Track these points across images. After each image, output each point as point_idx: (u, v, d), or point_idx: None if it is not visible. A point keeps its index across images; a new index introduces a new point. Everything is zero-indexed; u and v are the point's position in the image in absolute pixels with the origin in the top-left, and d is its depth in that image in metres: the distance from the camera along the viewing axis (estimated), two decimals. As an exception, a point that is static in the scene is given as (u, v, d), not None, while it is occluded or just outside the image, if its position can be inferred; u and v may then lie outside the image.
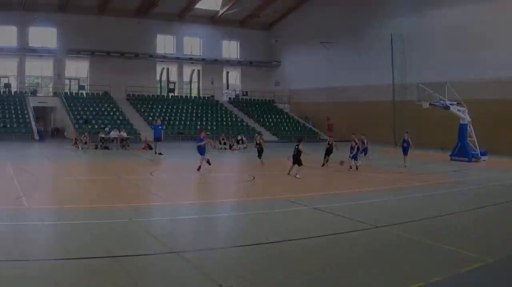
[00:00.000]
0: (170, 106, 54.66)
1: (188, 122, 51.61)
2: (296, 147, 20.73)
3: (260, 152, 25.51)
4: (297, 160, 20.29)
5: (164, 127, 34.61)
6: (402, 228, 11.54)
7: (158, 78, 60.21)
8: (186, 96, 60.32)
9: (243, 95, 62.53)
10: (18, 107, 48.21)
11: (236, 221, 12.76)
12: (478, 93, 36.05)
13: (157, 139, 32.01)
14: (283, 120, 57.49)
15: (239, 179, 20.83)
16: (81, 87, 55.34)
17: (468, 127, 31.18)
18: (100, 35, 53.14)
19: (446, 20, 40.70)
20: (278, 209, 13.79)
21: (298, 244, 10.08)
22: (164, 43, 58.71)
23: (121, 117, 48.86)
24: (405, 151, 26.17)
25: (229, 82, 64.57)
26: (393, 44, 45.64)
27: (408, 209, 14.36)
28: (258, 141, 26.11)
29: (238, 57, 62.89)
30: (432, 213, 13.48)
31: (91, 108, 49.95)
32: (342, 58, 51.66)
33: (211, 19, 59.41)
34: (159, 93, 58.72)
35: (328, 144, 25.77)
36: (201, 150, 21.72)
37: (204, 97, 60.21)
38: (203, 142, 21.91)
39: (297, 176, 20.01)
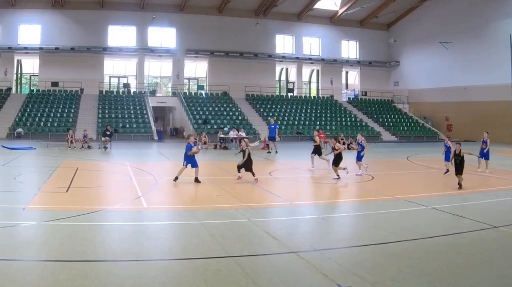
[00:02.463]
0: (289, 106, 52.67)
1: (307, 123, 49.50)
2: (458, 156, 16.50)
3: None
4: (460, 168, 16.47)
5: (278, 126, 33.03)
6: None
7: (277, 78, 58.67)
8: (305, 96, 58.56)
9: (362, 95, 60.19)
10: (137, 107, 47.61)
11: (354, 220, 12.30)
12: None
13: (271, 138, 31.88)
14: (402, 120, 55.14)
15: (357, 179, 19.52)
16: (200, 87, 54.44)
17: None
18: (219, 35, 52.82)
19: None
20: (395, 208, 13.34)
21: (416, 244, 9.69)
22: (283, 43, 57.01)
23: (240, 117, 47.37)
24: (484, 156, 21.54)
25: (348, 82, 62.37)
26: (512, 44, 43.28)
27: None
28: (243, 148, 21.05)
29: (357, 57, 60.19)
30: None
31: (210, 108, 48.70)
32: (461, 58, 50.60)
33: (330, 19, 57.64)
34: (278, 93, 57.26)
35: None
36: (192, 160, 17.43)
37: (323, 97, 58.02)
38: (194, 150, 17.51)
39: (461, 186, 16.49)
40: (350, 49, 60.03)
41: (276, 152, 30.46)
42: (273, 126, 32.15)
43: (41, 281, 7.04)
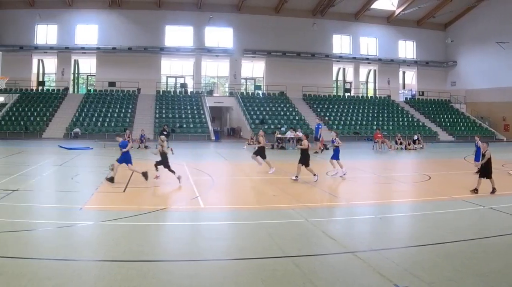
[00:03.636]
0: (346, 106, 51.27)
1: (364, 122, 48.19)
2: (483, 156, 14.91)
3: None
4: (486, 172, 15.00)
5: (321, 126, 32.52)
6: None
7: (334, 78, 57.27)
8: (362, 96, 57.03)
9: (419, 95, 58.54)
10: (194, 107, 46.80)
11: (412, 220, 12.14)
12: None
13: (315, 138, 31.59)
14: (459, 120, 53.54)
15: (414, 178, 19.60)
16: (257, 87, 53.41)
17: None
18: (276, 35, 52.02)
19: None
20: (453, 208, 13.12)
21: (474, 244, 9.56)
22: (340, 43, 55.70)
23: (297, 117, 46.14)
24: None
25: (405, 82, 60.63)
26: None
27: None
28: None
29: (414, 57, 58.38)
30: None
31: (267, 108, 47.61)
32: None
33: (387, 19, 56.18)
34: (335, 93, 55.93)
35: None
36: (127, 157, 16.79)
37: (380, 97, 56.41)
38: (127, 148, 16.87)
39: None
40: (407, 49, 58.35)
41: (317, 152, 29.80)
42: (317, 126, 31.96)
43: (98, 281, 7.07)
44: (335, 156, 19.10)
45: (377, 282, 7.23)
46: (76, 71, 52.99)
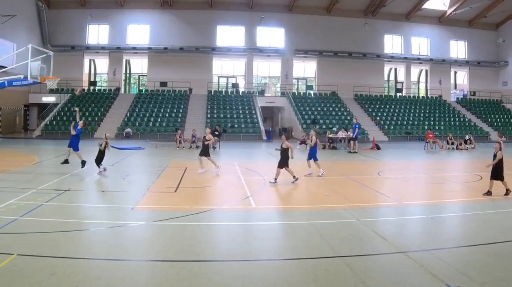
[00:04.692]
0: (397, 106, 50.31)
1: (416, 123, 47.16)
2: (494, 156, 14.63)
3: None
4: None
5: (358, 126, 31.48)
6: None
7: (385, 78, 56.33)
8: (414, 96, 55.89)
9: (470, 95, 57.34)
10: (246, 107, 46.34)
11: (463, 220, 11.86)
12: None
13: (353, 138, 31.14)
14: (511, 120, 52.32)
15: (466, 178, 19.20)
16: (309, 87, 52.76)
17: None
18: (327, 35, 51.47)
19: None
20: (504, 208, 12.85)
21: None
22: (391, 43, 54.73)
23: (348, 117, 45.11)
24: None
25: (457, 82, 59.45)
26: None
27: None
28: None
29: (466, 57, 57.11)
30: None
31: (319, 108, 46.91)
32: None
33: (439, 19, 55.15)
34: (386, 93, 55.02)
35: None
36: (75, 144, 17.93)
37: (431, 97, 55.22)
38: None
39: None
40: (458, 49, 57.14)
41: (356, 152, 29.86)
42: (354, 126, 31.69)
43: (150, 281, 7.11)
44: (310, 156, 18.57)
45: (428, 282, 7.22)
46: (128, 71, 52.98)
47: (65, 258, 7.94)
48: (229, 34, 51.03)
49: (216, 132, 30.50)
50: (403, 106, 50.43)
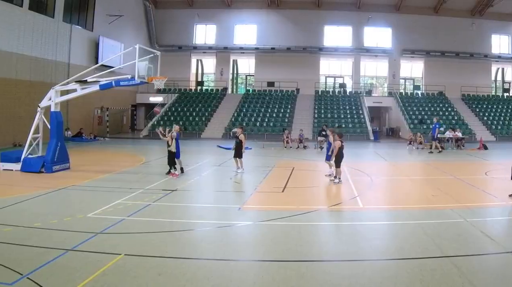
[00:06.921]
0: (505, 106, 48.55)
1: None
2: None
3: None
4: None
5: (438, 126, 30.97)
6: None
7: (493, 78, 54.68)
8: (522, 96, 53.95)
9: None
10: (353, 107, 46.03)
11: None
12: None
13: (433, 138, 30.99)
14: None
15: None
16: (416, 87, 51.94)
17: None
18: (434, 35, 50.16)
19: None
20: None
21: None
22: (499, 43, 52.86)
23: (456, 117, 44.24)
24: None
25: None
26: None
27: None
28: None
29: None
30: None
31: (426, 108, 46.05)
32: None
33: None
34: (493, 93, 53.37)
35: None
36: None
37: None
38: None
39: None
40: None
41: (431, 152, 29.53)
42: (434, 125, 31.20)
43: (257, 281, 7.10)
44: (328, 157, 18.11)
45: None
46: (235, 71, 53.54)
47: (172, 258, 8.08)
48: (336, 34, 50.72)
49: (324, 133, 30.12)
50: (510, 106, 49.04)
